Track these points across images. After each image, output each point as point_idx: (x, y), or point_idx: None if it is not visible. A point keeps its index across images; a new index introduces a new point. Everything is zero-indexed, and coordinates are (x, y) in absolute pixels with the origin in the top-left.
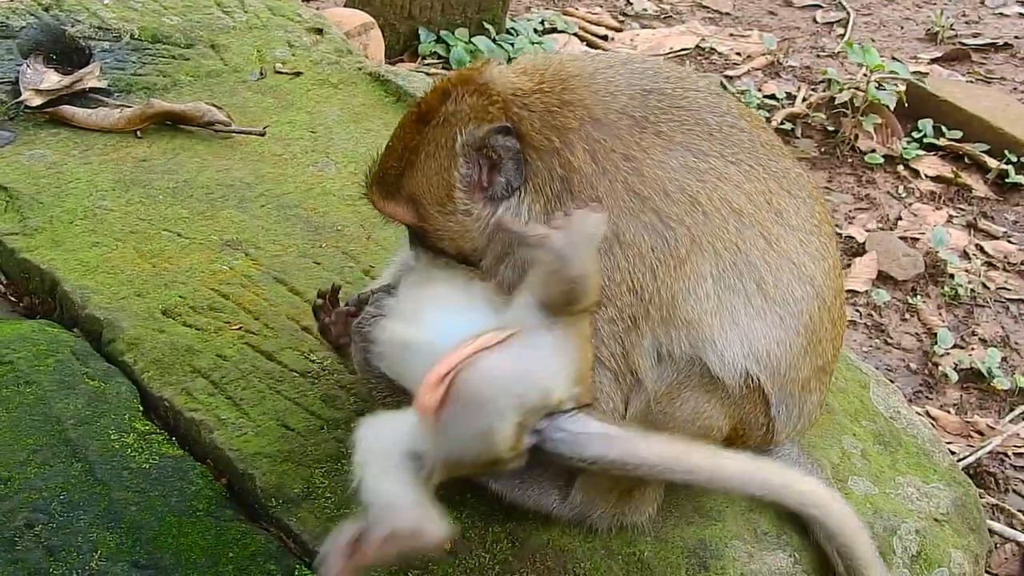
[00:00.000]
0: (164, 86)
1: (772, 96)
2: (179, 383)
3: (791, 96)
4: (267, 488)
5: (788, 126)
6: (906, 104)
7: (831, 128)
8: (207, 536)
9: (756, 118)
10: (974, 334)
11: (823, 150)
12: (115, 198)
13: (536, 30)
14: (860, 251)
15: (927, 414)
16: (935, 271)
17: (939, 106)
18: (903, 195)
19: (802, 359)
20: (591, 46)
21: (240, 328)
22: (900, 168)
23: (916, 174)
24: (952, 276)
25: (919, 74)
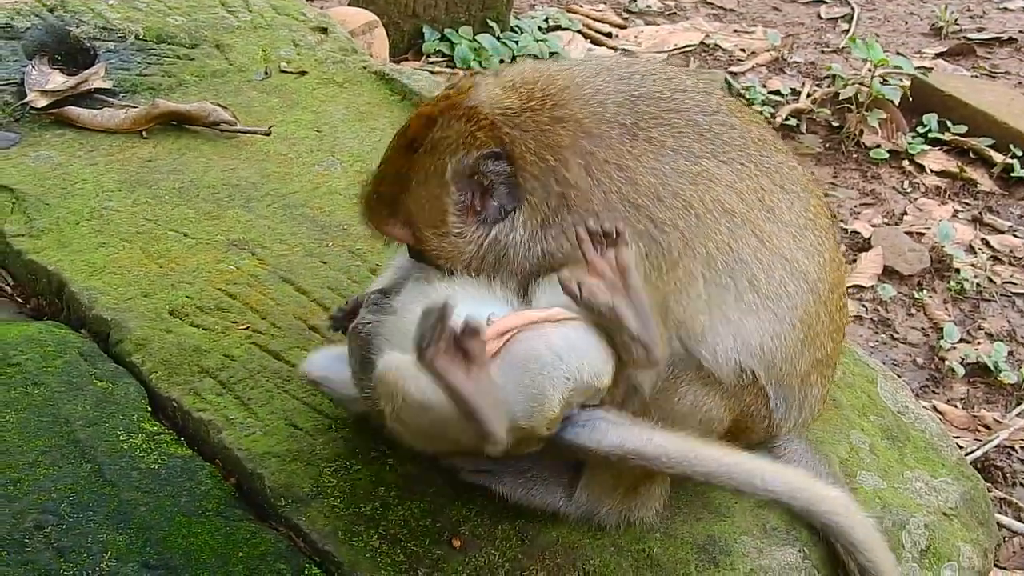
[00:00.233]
0: (169, 86)
1: (777, 92)
2: (187, 383)
3: (796, 92)
4: (276, 488)
5: (793, 122)
6: (911, 99)
7: (836, 124)
8: (217, 536)
9: (748, 113)
10: (980, 328)
11: (828, 146)
12: (121, 199)
13: (540, 28)
14: (866, 246)
15: (934, 408)
16: (941, 266)
17: (944, 101)
18: (908, 190)
19: (799, 352)
20: (595, 43)
21: (247, 328)
22: (905, 163)
23: (921, 169)
24: (958, 271)
25: (923, 69)
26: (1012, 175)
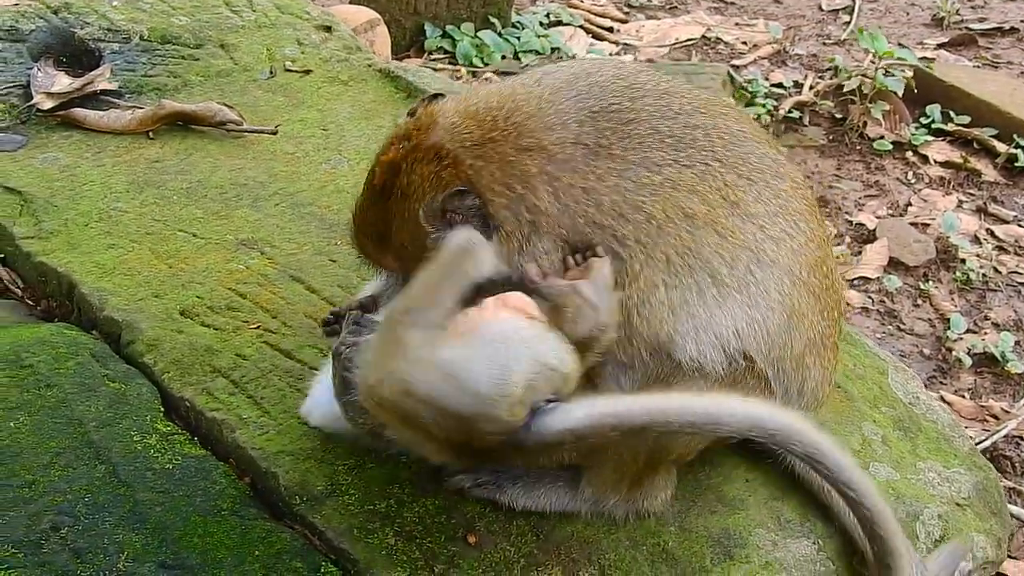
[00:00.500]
0: (175, 87)
1: (779, 85)
2: (199, 383)
3: (798, 84)
4: (291, 486)
5: (796, 114)
6: (915, 90)
7: (839, 116)
8: (232, 535)
9: (716, 105)
10: (987, 318)
11: (831, 138)
12: (129, 200)
13: (542, 23)
14: (871, 238)
15: (941, 399)
16: (946, 256)
17: (947, 91)
18: (912, 181)
19: (786, 334)
20: (597, 38)
21: (258, 327)
22: (909, 154)
23: (925, 160)
24: (963, 261)
25: (926, 60)
26: (1016, 165)
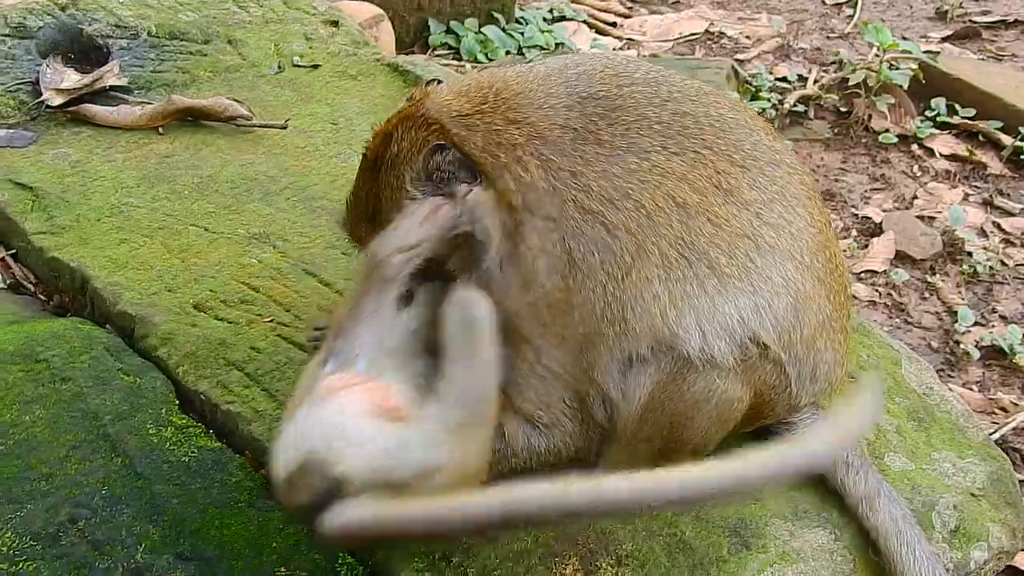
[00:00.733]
0: (183, 82)
1: (784, 79)
2: (214, 376)
3: (803, 78)
4: None
5: (801, 108)
6: (923, 82)
7: (844, 109)
8: (250, 527)
9: (705, 93)
10: (994, 311)
11: (836, 131)
12: (140, 195)
13: (545, 18)
14: (877, 231)
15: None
16: (953, 249)
17: (952, 84)
18: (918, 174)
19: (794, 317)
20: (600, 33)
21: (272, 320)
22: (914, 147)
23: (931, 153)
24: (970, 254)
25: (931, 53)
26: (1022, 157)
